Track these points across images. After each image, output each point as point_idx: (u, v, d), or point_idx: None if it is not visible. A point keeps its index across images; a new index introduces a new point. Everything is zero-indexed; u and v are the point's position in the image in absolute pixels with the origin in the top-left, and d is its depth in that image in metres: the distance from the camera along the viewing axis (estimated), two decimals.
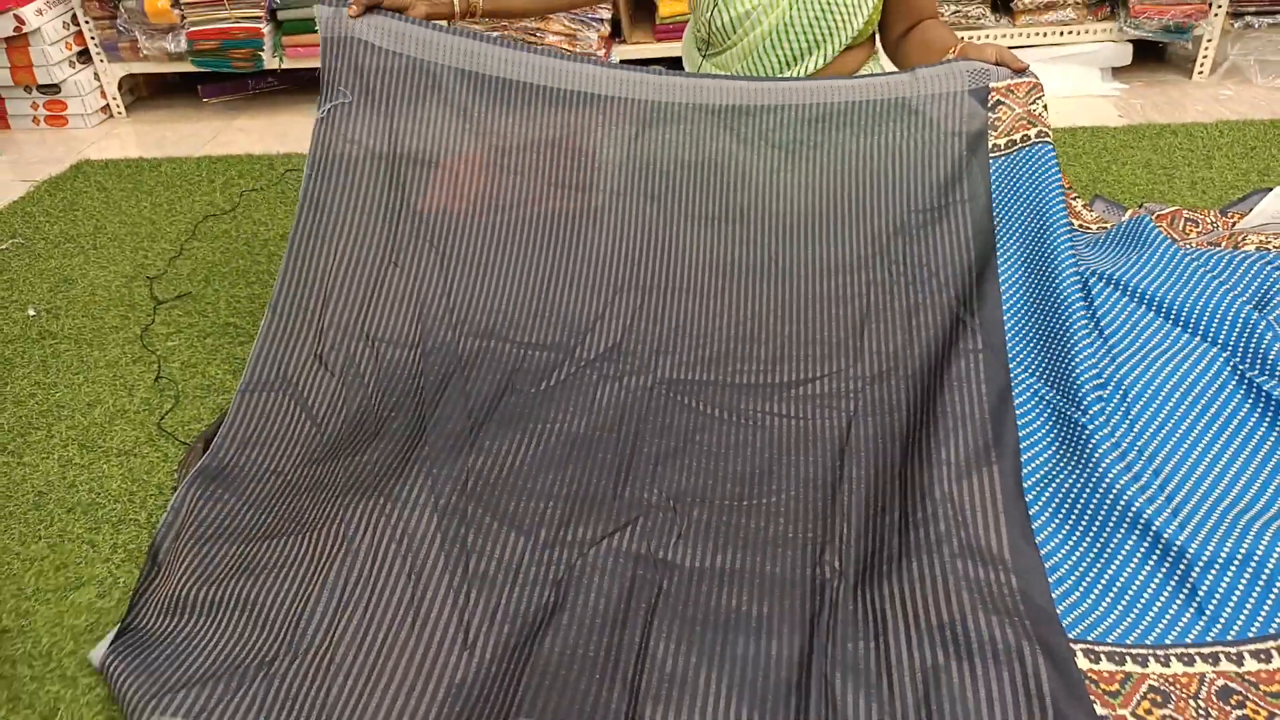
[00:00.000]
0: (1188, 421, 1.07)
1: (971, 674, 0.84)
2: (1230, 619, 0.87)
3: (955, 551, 0.95)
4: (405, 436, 1.19)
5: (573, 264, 1.36)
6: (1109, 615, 0.90)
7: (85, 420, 1.45)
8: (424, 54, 1.40)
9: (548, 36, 2.56)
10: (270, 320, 1.29)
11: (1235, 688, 0.82)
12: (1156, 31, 2.53)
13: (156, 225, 2.10)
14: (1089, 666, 0.85)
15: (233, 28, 2.66)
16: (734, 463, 1.14)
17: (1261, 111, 2.34)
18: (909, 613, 0.90)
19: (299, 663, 0.93)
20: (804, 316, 1.30)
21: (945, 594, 0.91)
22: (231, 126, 2.77)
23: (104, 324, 1.72)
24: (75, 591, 1.14)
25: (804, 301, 1.31)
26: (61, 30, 2.72)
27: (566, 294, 1.34)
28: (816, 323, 1.29)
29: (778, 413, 1.20)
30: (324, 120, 1.36)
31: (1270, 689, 0.81)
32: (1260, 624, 0.86)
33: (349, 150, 1.36)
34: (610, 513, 1.08)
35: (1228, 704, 0.80)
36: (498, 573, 1.01)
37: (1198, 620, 0.88)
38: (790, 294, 1.32)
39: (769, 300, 1.32)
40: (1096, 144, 2.17)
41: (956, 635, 0.87)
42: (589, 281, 1.34)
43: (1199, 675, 0.83)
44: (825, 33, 1.54)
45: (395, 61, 1.38)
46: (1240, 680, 0.82)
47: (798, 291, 1.32)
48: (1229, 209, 1.65)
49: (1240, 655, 0.84)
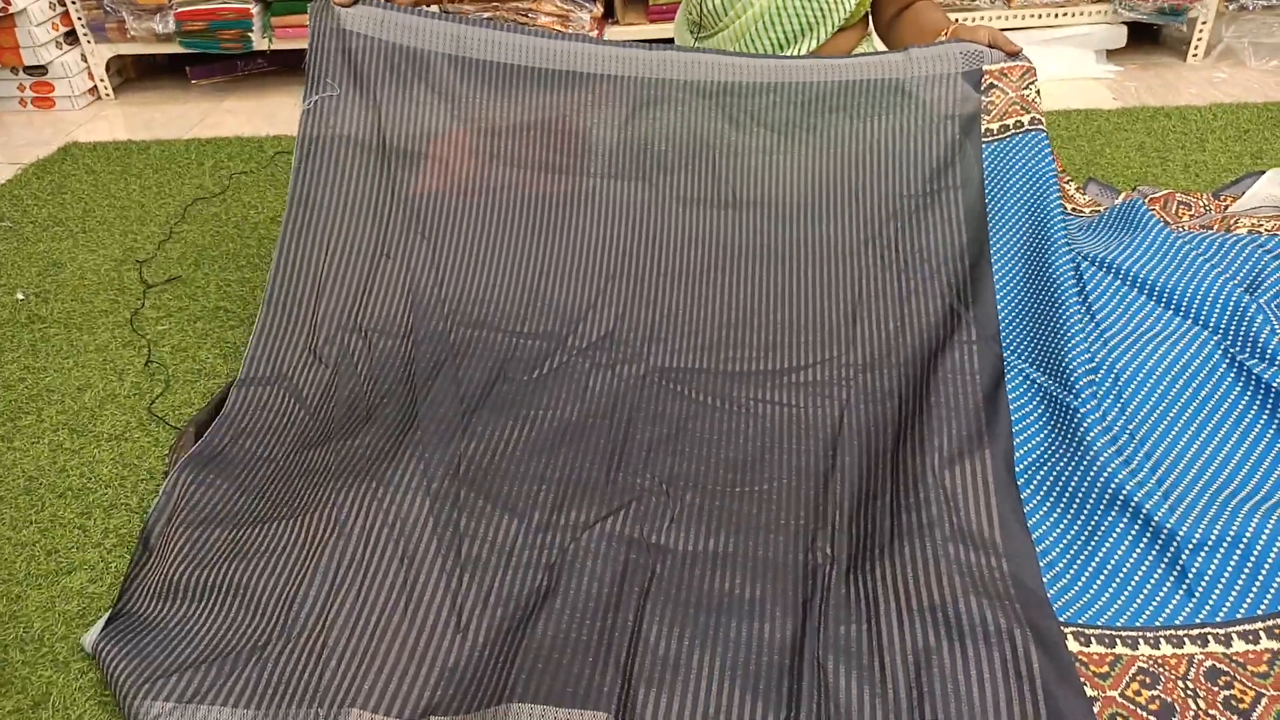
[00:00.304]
0: (1178, 405, 1.08)
1: (963, 656, 0.85)
2: (1219, 601, 0.88)
3: (947, 535, 0.95)
4: (397, 421, 1.19)
5: (565, 252, 1.35)
6: (1099, 598, 0.90)
7: (75, 405, 1.44)
8: (412, 41, 1.38)
9: (540, 18, 2.54)
10: (265, 315, 1.30)
11: (1223, 668, 0.83)
12: (1151, 14, 2.52)
13: (145, 208, 2.09)
14: (1079, 649, 0.85)
15: (221, 8, 2.63)
16: (727, 449, 1.15)
17: (1255, 94, 2.34)
18: (901, 596, 0.91)
19: (291, 646, 0.93)
20: (798, 303, 1.30)
21: (937, 578, 0.91)
22: (220, 108, 2.75)
23: (93, 308, 1.71)
24: (66, 577, 1.13)
25: (797, 287, 1.31)
26: (48, 10, 2.68)
27: (559, 283, 1.33)
28: (810, 309, 1.29)
29: (771, 400, 1.20)
30: (309, 112, 1.35)
31: (1257, 669, 0.82)
32: (1249, 605, 0.87)
33: (337, 142, 1.36)
34: (603, 497, 1.08)
35: (1215, 684, 0.81)
36: (490, 556, 1.01)
37: (1187, 602, 0.88)
38: (784, 280, 1.32)
39: (762, 286, 1.32)
40: (1090, 126, 2.17)
41: (948, 618, 0.88)
42: (581, 269, 1.34)
43: (1187, 657, 0.84)
44: (817, 15, 1.53)
45: (383, 49, 1.37)
46: (1228, 661, 0.83)
47: (791, 277, 1.32)
48: (1222, 192, 1.65)
49: (1228, 636, 0.85)
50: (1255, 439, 1.03)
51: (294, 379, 1.27)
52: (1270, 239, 1.28)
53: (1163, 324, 1.17)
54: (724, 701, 0.86)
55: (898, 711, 0.83)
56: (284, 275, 1.31)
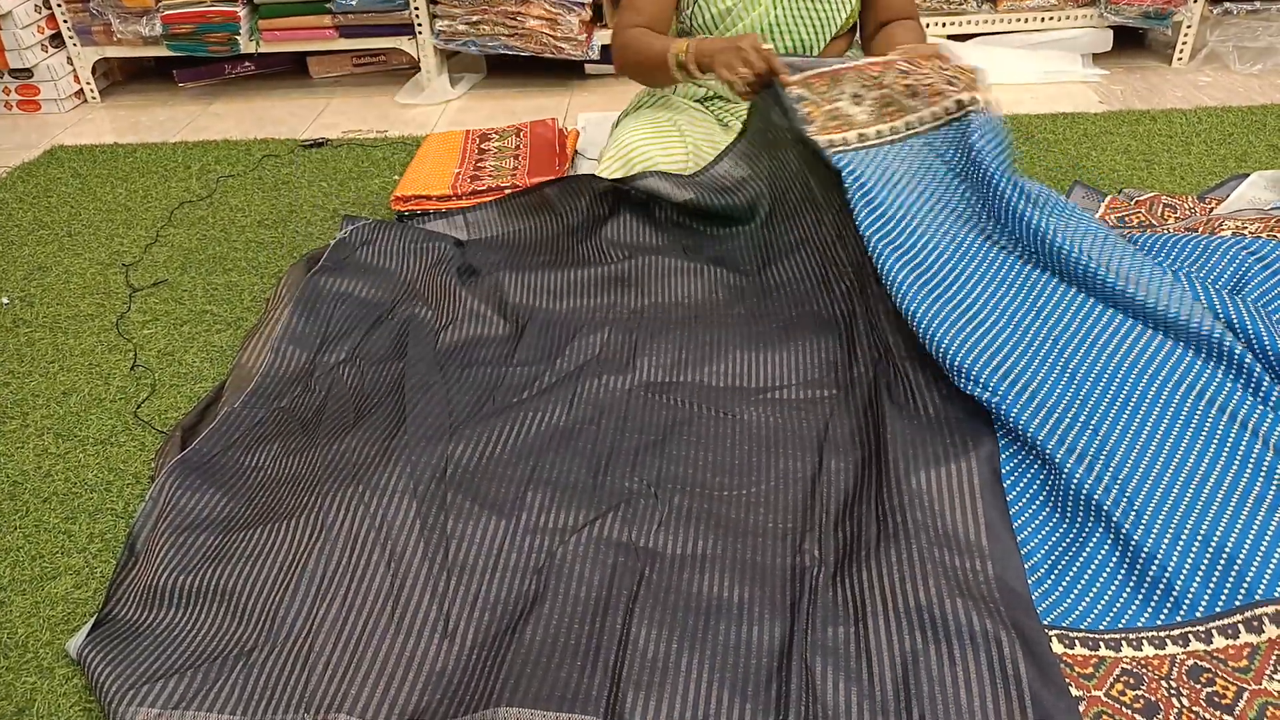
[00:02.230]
0: (1139, 405, 1.07)
1: (950, 659, 0.85)
2: (1195, 599, 0.88)
3: (932, 539, 0.95)
4: (385, 427, 1.19)
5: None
6: (1080, 602, 0.91)
7: (61, 409, 1.43)
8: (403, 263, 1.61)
9: (528, 20, 2.54)
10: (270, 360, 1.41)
11: (1205, 665, 0.84)
12: (1136, 18, 2.54)
13: (132, 212, 2.08)
14: (1064, 651, 0.86)
15: (208, 11, 2.62)
16: (715, 453, 1.15)
17: (1239, 98, 2.36)
18: (888, 599, 0.91)
19: (278, 652, 0.93)
20: (772, 339, 1.33)
21: (923, 581, 0.91)
22: (208, 112, 2.74)
23: (79, 312, 1.70)
24: (51, 582, 1.12)
25: (771, 329, 1.36)
26: (34, 13, 2.67)
27: (548, 326, 1.41)
28: (798, 342, 1.32)
29: (757, 409, 1.21)
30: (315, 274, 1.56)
31: (1238, 664, 0.83)
32: (1225, 600, 0.88)
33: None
34: (591, 500, 1.08)
35: (1198, 682, 0.82)
36: (478, 560, 1.01)
37: (1165, 602, 0.89)
38: (757, 328, 1.37)
39: (745, 323, 1.38)
40: (1077, 130, 2.18)
41: (935, 621, 0.88)
42: (570, 320, 1.41)
43: (1169, 657, 0.85)
44: (810, 30, 1.54)
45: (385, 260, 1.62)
46: (1209, 658, 0.84)
47: (768, 322, 1.37)
48: (1206, 195, 1.66)
49: (1208, 633, 0.86)
50: (1221, 438, 1.02)
51: (286, 402, 1.33)
52: (1254, 241, 1.28)
53: (1118, 324, 1.16)
54: (712, 704, 0.86)
55: (885, 713, 0.83)
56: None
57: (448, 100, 2.71)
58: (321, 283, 1.55)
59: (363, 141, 2.39)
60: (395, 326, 1.45)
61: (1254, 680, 0.82)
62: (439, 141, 2.12)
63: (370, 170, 2.21)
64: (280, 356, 1.41)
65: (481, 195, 1.83)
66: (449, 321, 1.43)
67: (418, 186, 1.87)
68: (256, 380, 1.37)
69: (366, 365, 1.36)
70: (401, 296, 1.53)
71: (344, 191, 2.10)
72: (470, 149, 2.05)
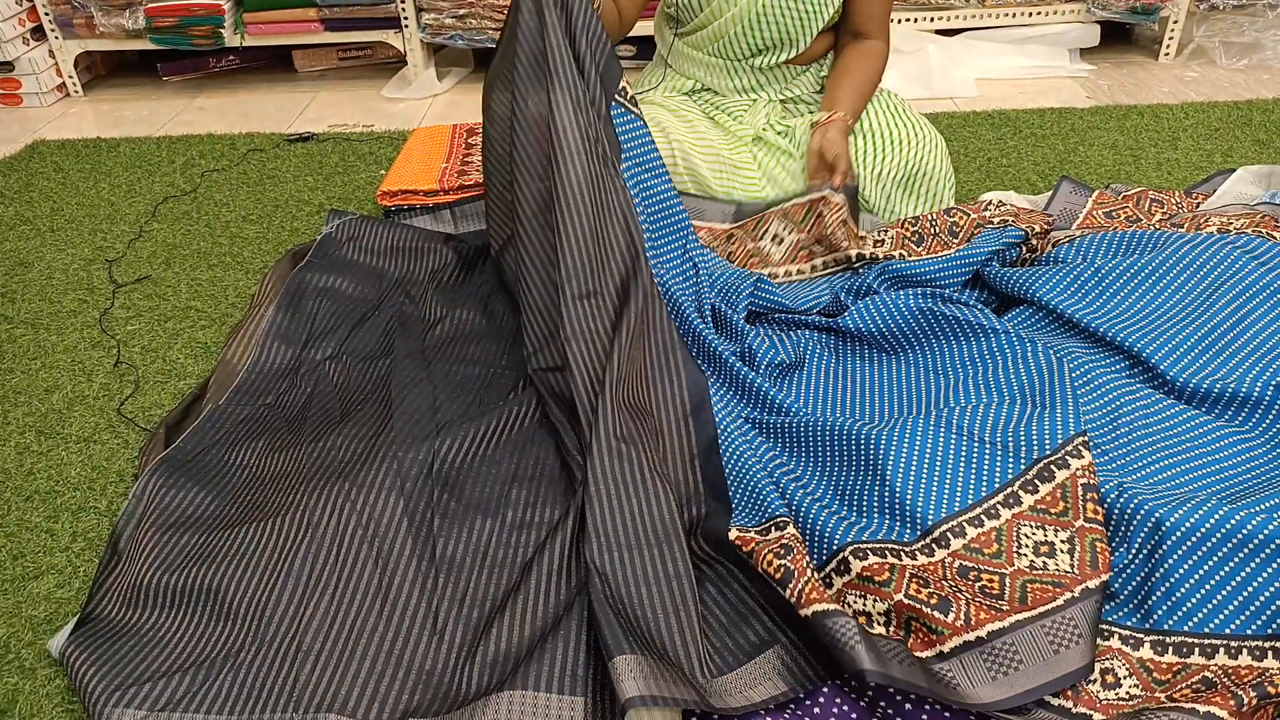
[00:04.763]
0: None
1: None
2: (924, 512, 0.97)
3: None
4: (371, 423, 1.18)
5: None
6: (866, 529, 0.99)
7: (43, 406, 1.42)
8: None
9: None
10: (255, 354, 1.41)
11: (969, 565, 0.93)
12: (1123, 13, 2.55)
13: (115, 207, 2.06)
14: (860, 565, 0.93)
15: (192, 4, 2.59)
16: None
17: (1225, 93, 2.37)
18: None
19: (265, 652, 0.92)
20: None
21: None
22: (192, 106, 2.71)
23: (61, 308, 1.68)
24: (33, 581, 1.11)
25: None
26: (14, 6, 2.64)
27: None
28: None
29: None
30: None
31: (989, 550, 0.94)
32: (960, 501, 0.98)
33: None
34: (577, 493, 1.08)
35: (967, 579, 0.92)
36: (465, 556, 1.00)
37: (926, 515, 0.98)
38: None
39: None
40: (1064, 125, 2.19)
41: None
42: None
43: (940, 561, 0.94)
44: (797, 26, 1.53)
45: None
46: (970, 556, 0.94)
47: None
48: (1193, 190, 1.66)
49: (960, 527, 0.96)
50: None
51: (273, 403, 1.32)
52: (1239, 237, 1.29)
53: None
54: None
55: None
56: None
57: (434, 94, 2.69)
58: (307, 278, 1.54)
59: (349, 136, 2.37)
60: (382, 323, 1.45)
61: (1007, 563, 0.92)
62: (426, 136, 2.10)
63: (356, 165, 2.19)
64: (266, 352, 1.40)
65: (469, 190, 1.82)
66: (436, 319, 1.42)
67: (404, 181, 1.86)
68: (241, 377, 1.35)
69: (353, 362, 1.35)
70: (388, 292, 1.52)
71: (330, 186, 2.08)
72: (457, 144, 2.04)
